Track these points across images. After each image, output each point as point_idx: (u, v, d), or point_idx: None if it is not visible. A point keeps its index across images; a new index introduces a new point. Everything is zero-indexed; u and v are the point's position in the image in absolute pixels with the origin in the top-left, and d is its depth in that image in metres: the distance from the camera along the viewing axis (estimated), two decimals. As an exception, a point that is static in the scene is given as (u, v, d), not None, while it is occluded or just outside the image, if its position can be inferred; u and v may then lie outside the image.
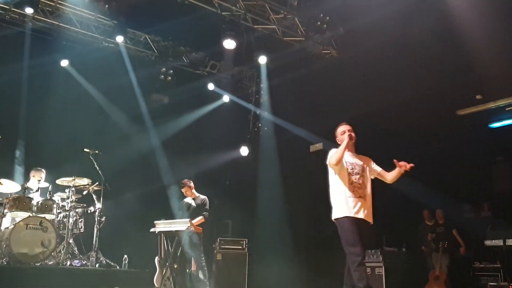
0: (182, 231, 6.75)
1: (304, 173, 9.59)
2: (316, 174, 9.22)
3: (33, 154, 8.20)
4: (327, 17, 8.79)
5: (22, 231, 6.41)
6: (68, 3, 8.44)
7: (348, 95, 8.73)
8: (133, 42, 9.57)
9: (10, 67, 8.35)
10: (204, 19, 8.80)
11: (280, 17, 9.11)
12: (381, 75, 8.18)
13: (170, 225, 6.98)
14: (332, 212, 4.88)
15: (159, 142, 9.50)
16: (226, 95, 10.67)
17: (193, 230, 6.88)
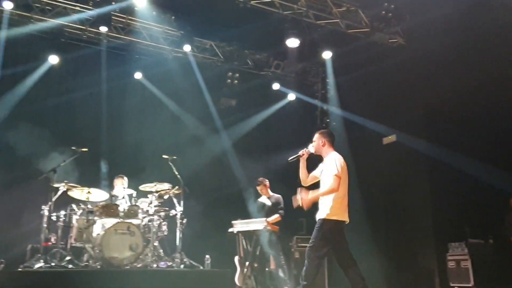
0: (259, 230, 6.89)
1: (377, 166, 9.38)
2: (390, 167, 9.03)
3: (116, 163, 8.71)
4: (392, 6, 8.60)
5: (112, 236, 6.84)
6: (138, 18, 8.89)
7: (419, 83, 8.45)
8: (199, 50, 9.88)
9: (90, 84, 8.97)
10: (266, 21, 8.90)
11: (343, 10, 9.01)
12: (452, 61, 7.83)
13: (247, 225, 7.14)
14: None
15: (230, 144, 9.73)
16: (292, 93, 10.69)
17: (270, 229, 7.00)
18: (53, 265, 6.65)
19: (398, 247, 8.78)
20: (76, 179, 7.48)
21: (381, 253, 8.68)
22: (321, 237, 4.90)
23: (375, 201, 9.25)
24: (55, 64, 8.69)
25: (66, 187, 7.21)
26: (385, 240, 8.90)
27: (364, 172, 9.38)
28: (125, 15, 8.88)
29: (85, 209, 7.23)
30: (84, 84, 8.97)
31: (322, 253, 4.91)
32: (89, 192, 7.29)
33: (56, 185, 7.08)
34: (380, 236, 8.96)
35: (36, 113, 8.52)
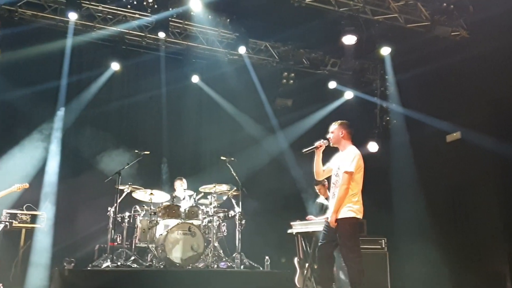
0: (319, 232, 6.81)
1: (441, 165, 9.00)
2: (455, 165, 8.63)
3: (176, 165, 8.94)
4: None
5: (174, 236, 7.02)
6: (194, 23, 9.07)
7: (485, 78, 8.00)
8: (254, 51, 9.91)
9: (150, 88, 9.26)
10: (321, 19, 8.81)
11: (401, 4, 8.74)
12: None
13: (306, 226, 7.09)
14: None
15: (287, 144, 9.69)
16: (349, 91, 10.48)
17: (329, 230, 6.91)
18: (119, 264, 6.93)
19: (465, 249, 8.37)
20: (139, 181, 7.74)
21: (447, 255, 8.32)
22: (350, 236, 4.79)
23: (439, 201, 8.88)
24: (117, 70, 9.03)
25: (130, 189, 7.48)
26: (452, 242, 8.52)
27: (427, 172, 9.06)
28: (181, 20, 9.09)
29: (148, 210, 7.46)
30: (145, 89, 9.28)
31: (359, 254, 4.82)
32: (151, 194, 7.52)
33: (121, 187, 7.37)
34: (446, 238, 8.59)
35: (101, 118, 8.93)
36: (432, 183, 8.90)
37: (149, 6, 8.63)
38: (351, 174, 4.81)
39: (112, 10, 8.68)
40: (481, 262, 8.03)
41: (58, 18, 8.48)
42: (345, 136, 5.06)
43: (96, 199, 7.86)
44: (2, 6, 8.01)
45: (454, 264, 8.36)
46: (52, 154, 7.96)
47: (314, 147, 5.11)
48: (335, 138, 5.07)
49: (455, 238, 8.52)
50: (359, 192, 4.92)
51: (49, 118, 8.18)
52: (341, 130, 5.07)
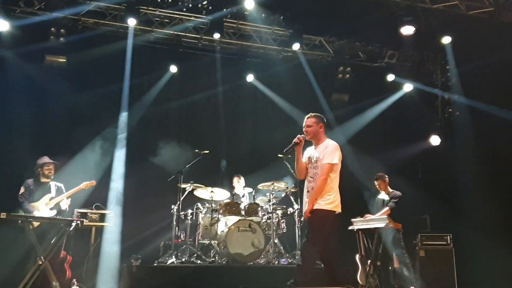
0: (381, 228, 6.69)
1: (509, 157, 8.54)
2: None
3: (234, 164, 9.06)
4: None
5: (235, 233, 7.13)
6: (248, 22, 9.15)
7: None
8: (309, 47, 9.84)
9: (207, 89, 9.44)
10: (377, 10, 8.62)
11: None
12: None
13: (367, 223, 6.98)
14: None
15: (345, 140, 9.56)
16: (408, 83, 10.16)
17: (392, 226, 6.76)
18: (184, 260, 7.14)
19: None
20: (199, 179, 7.92)
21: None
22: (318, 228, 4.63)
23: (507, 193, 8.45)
24: (175, 72, 9.27)
25: (192, 187, 7.68)
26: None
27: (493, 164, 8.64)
28: (235, 20, 9.19)
29: (209, 207, 7.63)
30: (202, 90, 9.48)
31: (321, 248, 4.65)
32: (212, 192, 7.68)
33: (183, 186, 7.58)
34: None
35: (161, 119, 9.24)
36: (500, 177, 8.47)
37: (203, 8, 8.84)
38: (333, 165, 4.72)
39: (168, 14, 8.92)
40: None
41: (118, 24, 8.83)
42: (322, 129, 4.93)
43: (160, 197, 8.14)
44: (66, 16, 8.43)
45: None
46: (117, 155, 8.30)
47: (294, 145, 4.89)
48: (313, 131, 4.89)
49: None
50: (337, 185, 4.82)
51: (114, 120, 8.53)
52: (319, 123, 4.92)
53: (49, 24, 8.26)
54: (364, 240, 7.11)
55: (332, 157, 4.72)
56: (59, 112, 8.40)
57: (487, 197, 8.52)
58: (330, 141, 4.88)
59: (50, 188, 6.58)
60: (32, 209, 6.30)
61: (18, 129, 7.98)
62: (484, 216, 8.47)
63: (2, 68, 8.04)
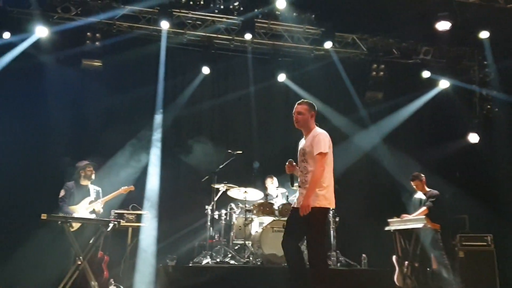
0: (419, 229, 6.56)
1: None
2: None
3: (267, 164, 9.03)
4: None
5: (269, 233, 7.10)
6: (279, 21, 9.12)
7: None
8: (341, 45, 9.73)
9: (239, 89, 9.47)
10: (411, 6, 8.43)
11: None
12: None
13: (405, 223, 6.86)
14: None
15: (380, 138, 9.41)
16: (444, 80, 9.91)
17: (430, 227, 6.62)
18: (218, 261, 7.16)
19: None
20: (233, 179, 7.94)
21: None
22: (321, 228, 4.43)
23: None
24: (207, 74, 9.33)
25: (226, 187, 7.71)
26: None
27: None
28: (267, 20, 9.18)
29: (243, 208, 7.64)
30: (233, 90, 9.51)
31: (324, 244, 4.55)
32: (245, 192, 7.68)
33: (217, 186, 7.62)
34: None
35: (195, 120, 9.32)
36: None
37: (235, 9, 8.86)
38: (325, 155, 4.45)
39: (200, 16, 8.99)
40: None
41: (152, 27, 8.96)
42: (313, 118, 4.68)
43: (194, 198, 8.21)
44: (101, 21, 8.62)
45: None
46: (152, 156, 8.41)
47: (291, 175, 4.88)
48: (304, 119, 4.62)
49: None
50: (331, 178, 4.53)
51: (148, 122, 8.65)
52: (311, 111, 4.65)
53: (85, 29, 8.44)
54: (401, 241, 7.00)
55: (323, 146, 4.47)
56: (95, 115, 8.60)
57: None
58: (318, 129, 4.65)
59: (89, 192, 6.71)
60: (72, 212, 6.43)
61: (57, 132, 8.19)
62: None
63: (41, 72, 8.28)
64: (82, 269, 5.63)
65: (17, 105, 8.14)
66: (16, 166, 7.83)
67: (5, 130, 7.85)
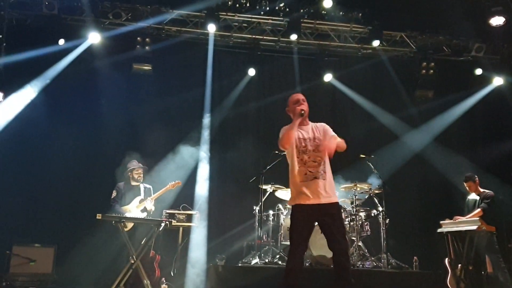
0: (473, 231, 6.37)
1: None
2: None
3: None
4: None
5: (318, 235, 6.91)
6: (326, 21, 9.07)
7: None
8: (390, 43, 9.57)
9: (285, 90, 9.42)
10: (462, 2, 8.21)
11: (559, -26, 7.76)
12: None
13: (458, 225, 6.68)
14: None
15: (431, 138, 9.17)
16: (498, 77, 9.54)
17: (485, 229, 6.41)
18: (267, 261, 7.19)
19: None
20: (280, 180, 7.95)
21: None
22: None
23: None
24: (253, 75, 9.40)
25: (273, 188, 7.73)
26: None
27: None
28: (313, 20, 9.15)
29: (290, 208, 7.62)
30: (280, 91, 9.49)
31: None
32: (293, 193, 7.66)
33: (264, 187, 7.66)
34: None
35: (241, 122, 9.39)
36: None
37: (281, 10, 8.89)
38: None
39: (246, 18, 9.08)
40: None
41: (199, 31, 9.12)
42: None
43: (242, 198, 8.28)
44: (151, 26, 8.85)
45: None
46: (201, 157, 8.57)
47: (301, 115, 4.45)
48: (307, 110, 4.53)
49: None
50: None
51: (197, 123, 8.81)
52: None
53: (135, 33, 8.69)
54: (454, 243, 6.82)
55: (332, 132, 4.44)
56: (146, 117, 8.82)
57: None
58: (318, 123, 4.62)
59: (140, 191, 6.91)
60: (124, 211, 6.63)
61: (109, 135, 8.47)
62: None
63: (95, 77, 8.59)
64: (135, 268, 5.82)
65: (72, 109, 8.46)
66: (72, 168, 8.17)
67: (62, 133, 8.18)
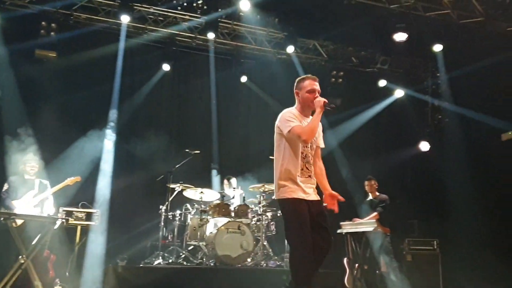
0: (369, 232, 6.71)
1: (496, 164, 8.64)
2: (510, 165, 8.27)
3: (225, 165, 9.01)
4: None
5: (224, 235, 7.06)
6: (243, 23, 9.12)
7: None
8: (303, 50, 9.86)
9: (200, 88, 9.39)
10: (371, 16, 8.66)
11: (453, 0, 8.47)
12: None
13: (356, 226, 7.00)
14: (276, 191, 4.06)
15: (336, 143, 9.56)
16: (400, 89, 10.23)
17: (380, 230, 6.80)
18: (170, 262, 7.05)
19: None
20: (189, 180, 7.85)
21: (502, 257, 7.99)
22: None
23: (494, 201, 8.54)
24: (167, 71, 9.19)
25: (181, 187, 7.60)
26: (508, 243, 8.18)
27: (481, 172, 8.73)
28: (230, 21, 9.16)
29: (198, 208, 7.56)
30: (194, 89, 9.42)
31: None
32: (202, 192, 7.61)
33: (172, 186, 7.51)
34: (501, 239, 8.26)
35: (152, 118, 9.14)
36: (487, 183, 8.58)
37: (198, 8, 8.79)
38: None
39: (163, 12, 8.86)
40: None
41: (112, 21, 8.73)
42: None
43: (148, 197, 8.06)
44: (58, 10, 8.31)
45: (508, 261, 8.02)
46: (106, 154, 8.19)
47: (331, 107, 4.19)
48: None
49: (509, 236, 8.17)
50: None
51: (103, 119, 8.40)
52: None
53: (40, 18, 8.12)
54: (352, 244, 7.13)
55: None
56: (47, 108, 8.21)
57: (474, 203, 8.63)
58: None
59: (34, 185, 6.44)
60: (14, 206, 6.16)
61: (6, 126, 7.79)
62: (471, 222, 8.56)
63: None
64: (24, 268, 5.39)
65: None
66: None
67: None
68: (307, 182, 4.05)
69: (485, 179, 8.66)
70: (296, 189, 3.97)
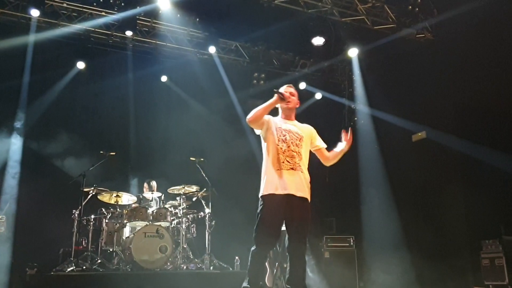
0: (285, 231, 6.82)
1: (407, 164, 9.18)
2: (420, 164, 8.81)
3: (144, 167, 8.76)
4: (418, 0, 8.42)
5: (142, 239, 6.87)
6: (163, 21, 8.94)
7: (449, 79, 8.22)
8: (225, 51, 9.86)
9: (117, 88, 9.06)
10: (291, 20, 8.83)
11: (368, 7, 8.91)
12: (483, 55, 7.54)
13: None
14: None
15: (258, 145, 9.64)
16: (318, 92, 10.54)
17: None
18: (84, 268, 6.73)
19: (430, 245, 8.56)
20: (105, 183, 7.56)
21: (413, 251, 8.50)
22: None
23: (405, 199, 9.06)
24: (82, 69, 8.80)
25: (96, 191, 7.29)
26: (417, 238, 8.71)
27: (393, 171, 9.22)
28: (149, 19, 8.95)
29: (114, 212, 7.29)
30: (111, 88, 9.07)
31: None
32: (118, 196, 7.35)
33: (86, 189, 7.17)
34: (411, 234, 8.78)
35: (65, 118, 8.70)
36: (399, 182, 9.06)
37: (115, 4, 8.46)
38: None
39: (77, 7, 8.46)
40: (446, 258, 8.22)
41: (20, 14, 8.21)
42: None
43: (60, 201, 7.61)
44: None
45: (421, 259, 8.55)
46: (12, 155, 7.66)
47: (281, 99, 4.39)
48: (294, 103, 4.51)
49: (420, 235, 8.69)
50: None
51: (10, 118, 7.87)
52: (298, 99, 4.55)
53: None
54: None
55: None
56: None
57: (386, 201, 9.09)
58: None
59: None
60: None
61: None
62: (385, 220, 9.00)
63: None
64: None
65: None
66: None
67: None
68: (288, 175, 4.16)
69: (397, 178, 9.15)
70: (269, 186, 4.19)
